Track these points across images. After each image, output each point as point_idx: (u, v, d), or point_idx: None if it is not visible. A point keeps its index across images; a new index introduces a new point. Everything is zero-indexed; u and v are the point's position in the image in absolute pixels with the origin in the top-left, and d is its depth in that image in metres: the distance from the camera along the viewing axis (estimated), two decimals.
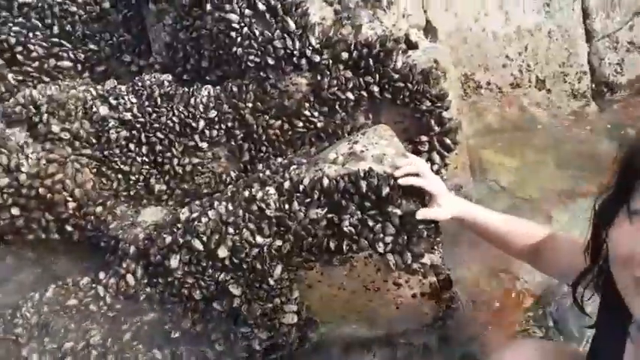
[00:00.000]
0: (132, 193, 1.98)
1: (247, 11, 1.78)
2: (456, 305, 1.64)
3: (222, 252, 1.51)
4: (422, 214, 1.42)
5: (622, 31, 2.75)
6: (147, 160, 1.96)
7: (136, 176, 1.96)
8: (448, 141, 1.94)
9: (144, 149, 1.95)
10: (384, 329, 1.62)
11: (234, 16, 1.78)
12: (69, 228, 1.93)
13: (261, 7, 1.77)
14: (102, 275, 1.69)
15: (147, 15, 2.14)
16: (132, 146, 1.95)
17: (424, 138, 1.93)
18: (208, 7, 1.82)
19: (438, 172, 1.87)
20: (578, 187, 2.34)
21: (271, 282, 1.48)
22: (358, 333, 1.63)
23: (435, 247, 1.53)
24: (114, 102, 1.94)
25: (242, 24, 1.79)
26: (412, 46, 1.93)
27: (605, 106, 2.85)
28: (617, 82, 2.84)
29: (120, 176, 1.97)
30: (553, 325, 1.67)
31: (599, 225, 0.93)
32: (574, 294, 1.07)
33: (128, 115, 1.91)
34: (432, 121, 1.90)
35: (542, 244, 1.29)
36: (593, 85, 2.86)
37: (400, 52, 1.86)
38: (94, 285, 1.67)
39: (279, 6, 1.77)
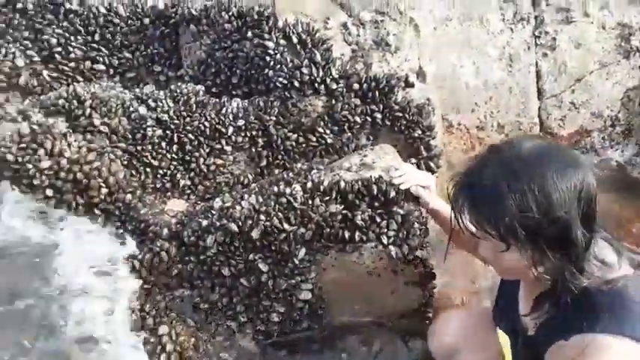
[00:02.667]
0: (158, 185, 2.23)
1: (282, 41, 2.14)
2: (435, 295, 2.00)
3: (255, 234, 1.80)
4: (420, 194, 1.79)
5: (565, 93, 3.35)
6: (176, 157, 2.22)
7: (164, 171, 2.22)
8: (432, 164, 2.36)
9: (174, 147, 2.21)
10: (379, 311, 1.94)
11: (271, 44, 2.14)
12: (97, 212, 2.14)
13: (295, 39, 2.14)
14: (137, 252, 1.91)
15: (182, 34, 2.45)
16: (164, 144, 2.21)
17: (413, 160, 2.33)
18: (249, 34, 2.16)
19: None
20: None
21: (296, 261, 1.79)
22: (357, 316, 1.94)
23: (425, 245, 1.90)
24: (152, 104, 2.21)
25: (276, 51, 2.15)
26: (410, 85, 2.37)
27: None
28: (560, 134, 3.41)
29: (148, 170, 2.22)
30: None
31: None
32: None
33: (165, 117, 2.18)
34: (422, 147, 2.32)
35: None
36: (541, 134, 3.42)
37: (401, 88, 2.29)
38: (129, 260, 1.89)
39: (309, 40, 2.15)
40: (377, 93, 2.24)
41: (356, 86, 2.24)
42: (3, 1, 2.39)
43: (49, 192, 2.08)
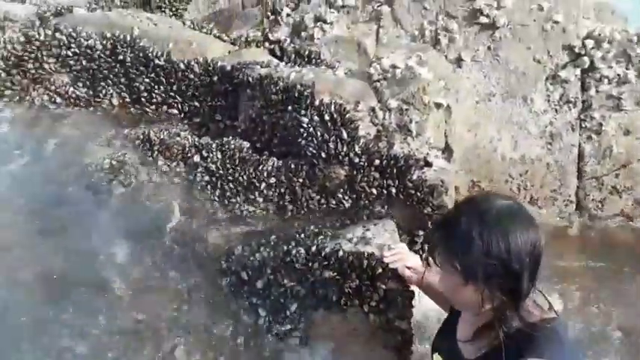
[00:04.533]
0: None
1: (316, 118, 2.50)
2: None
3: (259, 284, 2.19)
4: (405, 274, 2.00)
5: (608, 176, 3.34)
6: (217, 200, 2.67)
7: (208, 211, 2.67)
8: None
9: (217, 192, 2.67)
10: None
11: (305, 120, 2.51)
12: None
13: (327, 117, 2.49)
14: None
15: (242, 93, 2.90)
16: (209, 187, 2.68)
17: (421, 232, 2.58)
18: (290, 107, 2.55)
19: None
20: None
21: (288, 313, 2.15)
22: None
23: (405, 316, 2.16)
24: (205, 154, 2.68)
25: (309, 125, 2.51)
26: (428, 164, 2.61)
27: (587, 233, 3.43)
28: (598, 216, 3.41)
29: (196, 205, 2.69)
30: None
31: None
32: None
33: (213, 167, 2.65)
34: (429, 222, 2.56)
35: None
36: (579, 212, 3.44)
37: (418, 168, 2.54)
38: None
39: (339, 119, 2.49)
40: (395, 170, 2.52)
41: (377, 162, 2.53)
42: (108, 52, 2.99)
43: None
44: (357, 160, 2.52)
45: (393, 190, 2.53)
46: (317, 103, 2.52)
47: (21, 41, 3.03)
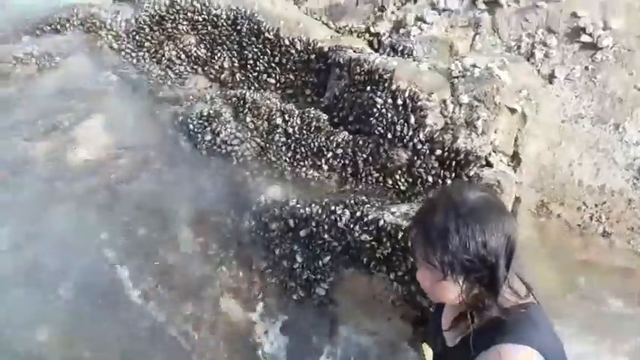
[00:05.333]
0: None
1: (389, 100, 2.70)
2: None
3: (303, 233, 2.44)
4: None
5: None
6: (287, 161, 2.99)
7: (278, 168, 3.01)
8: None
9: (289, 154, 2.98)
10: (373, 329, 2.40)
11: (380, 100, 2.72)
12: None
13: (399, 101, 2.68)
14: None
15: (332, 72, 3.18)
16: (284, 148, 3.00)
17: None
18: (368, 88, 2.78)
19: None
20: None
21: (321, 263, 2.38)
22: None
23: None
24: (287, 118, 3.01)
25: (382, 107, 2.71)
26: (489, 164, 2.67)
27: None
28: None
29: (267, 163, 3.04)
30: None
31: None
32: None
33: (290, 130, 2.97)
34: None
35: None
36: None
37: (477, 165, 2.61)
38: None
39: (410, 105, 2.65)
40: (454, 162, 2.62)
41: (438, 152, 2.65)
42: (230, 22, 3.47)
43: None
44: (419, 146, 2.67)
45: (449, 182, 2.63)
46: (394, 87, 2.71)
47: (166, 4, 3.63)
